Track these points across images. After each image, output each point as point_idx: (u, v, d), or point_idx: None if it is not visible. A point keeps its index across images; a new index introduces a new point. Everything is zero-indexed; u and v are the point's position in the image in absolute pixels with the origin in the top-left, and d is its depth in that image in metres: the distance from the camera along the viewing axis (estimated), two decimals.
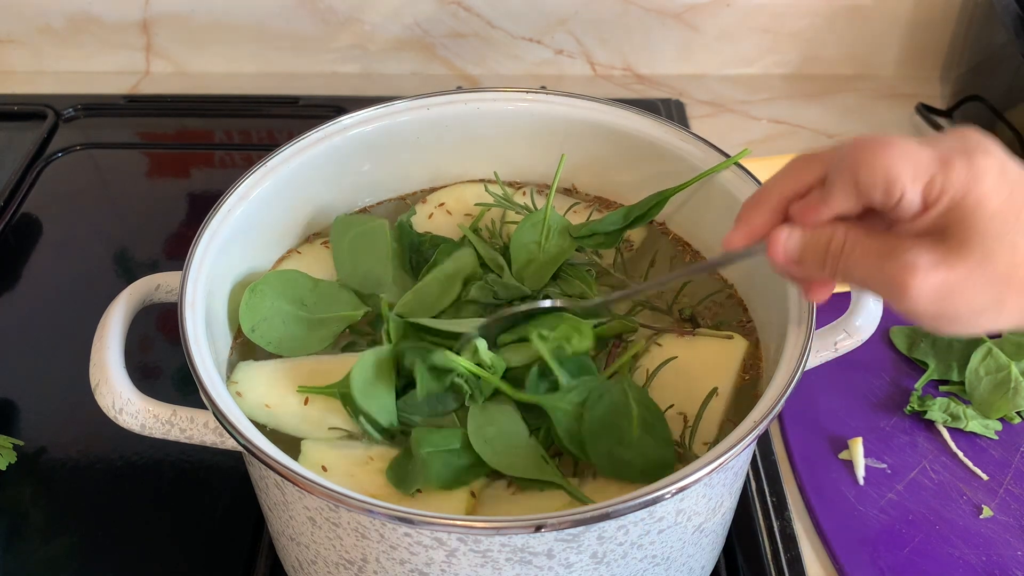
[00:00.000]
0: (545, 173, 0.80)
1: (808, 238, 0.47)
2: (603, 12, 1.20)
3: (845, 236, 0.46)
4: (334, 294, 0.68)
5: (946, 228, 0.43)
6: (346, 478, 0.58)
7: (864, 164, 0.43)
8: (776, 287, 0.62)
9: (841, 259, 0.46)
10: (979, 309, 0.44)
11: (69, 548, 0.73)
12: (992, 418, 0.80)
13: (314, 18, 1.22)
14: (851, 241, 0.46)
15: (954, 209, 0.43)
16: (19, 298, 0.96)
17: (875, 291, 0.46)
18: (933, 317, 0.45)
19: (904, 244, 0.44)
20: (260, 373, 0.64)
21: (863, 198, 0.45)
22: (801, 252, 0.47)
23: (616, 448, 0.57)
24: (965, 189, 0.42)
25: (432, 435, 0.59)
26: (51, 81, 1.26)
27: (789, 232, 0.48)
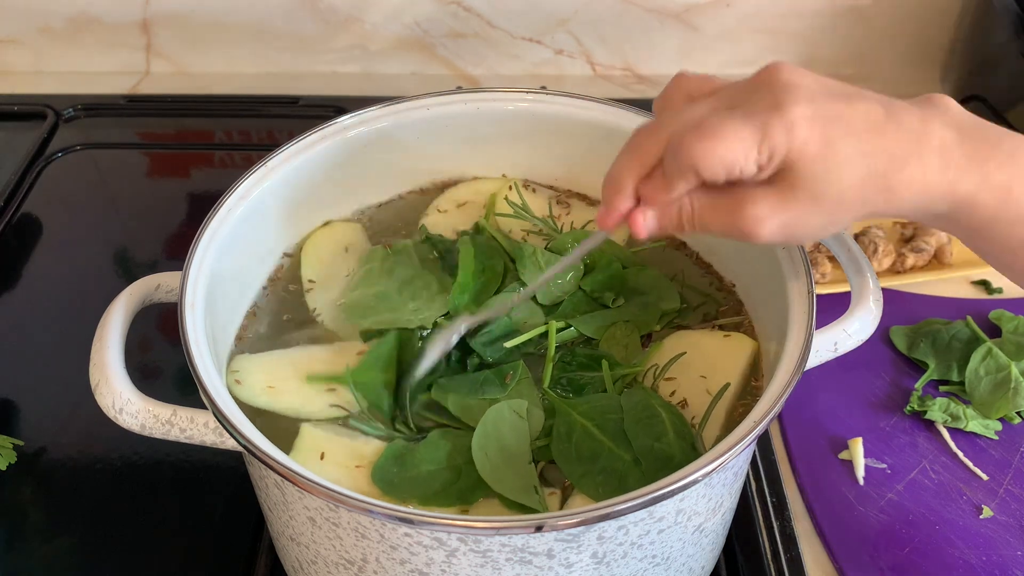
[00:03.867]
0: (545, 173, 0.80)
1: (662, 215, 0.53)
2: (603, 12, 1.20)
3: (692, 205, 0.52)
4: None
5: (778, 176, 0.49)
6: (342, 469, 0.59)
7: (701, 159, 0.48)
8: (776, 287, 0.62)
9: (695, 222, 0.52)
10: (819, 229, 0.51)
11: (69, 548, 0.73)
12: (992, 418, 0.80)
13: (314, 18, 1.22)
14: (700, 208, 0.52)
15: (782, 163, 0.48)
16: (19, 298, 0.97)
17: (729, 237, 0.52)
18: (783, 243, 0.54)
19: (744, 198, 0.50)
20: (258, 361, 0.65)
21: (707, 180, 0.50)
22: (660, 226, 0.53)
23: (656, 444, 0.58)
24: (787, 146, 0.48)
25: (430, 451, 0.59)
26: (51, 81, 1.26)
27: (644, 214, 0.53)
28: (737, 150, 0.48)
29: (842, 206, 0.49)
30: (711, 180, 0.49)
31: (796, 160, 0.48)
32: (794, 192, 0.49)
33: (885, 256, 0.93)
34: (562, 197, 0.79)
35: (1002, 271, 0.55)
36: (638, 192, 0.53)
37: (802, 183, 0.48)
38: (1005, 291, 0.94)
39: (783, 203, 0.49)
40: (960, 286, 0.94)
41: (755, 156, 0.48)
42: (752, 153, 0.48)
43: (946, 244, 0.95)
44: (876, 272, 0.79)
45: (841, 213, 0.50)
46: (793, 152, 0.48)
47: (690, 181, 0.50)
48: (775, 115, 0.48)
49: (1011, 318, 0.88)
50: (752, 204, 0.50)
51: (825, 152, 0.48)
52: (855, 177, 0.48)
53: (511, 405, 0.61)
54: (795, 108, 0.48)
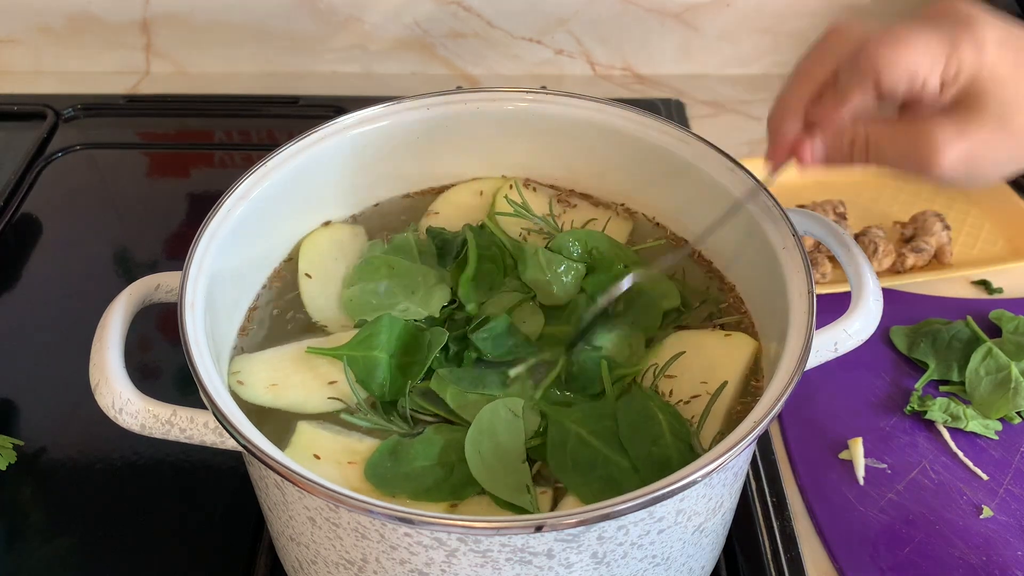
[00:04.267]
0: (545, 173, 0.80)
1: (832, 142, 0.50)
2: (603, 12, 1.20)
3: (867, 133, 0.49)
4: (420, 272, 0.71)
5: (962, 100, 0.47)
6: (335, 465, 0.59)
7: (886, 68, 0.46)
8: (776, 287, 0.62)
9: (869, 151, 0.50)
10: (1001, 164, 0.48)
11: (69, 548, 0.73)
12: (992, 418, 0.80)
13: (314, 18, 1.22)
14: (874, 135, 0.49)
15: (968, 84, 0.46)
16: (19, 298, 0.96)
17: (906, 170, 0.49)
18: (962, 180, 0.49)
19: (924, 124, 0.48)
20: (259, 359, 0.66)
21: (884, 93, 0.47)
22: (828, 155, 0.51)
23: (654, 448, 0.58)
24: (976, 65, 0.46)
25: (424, 447, 0.59)
26: (51, 81, 1.26)
27: (812, 142, 0.51)
28: (924, 58, 0.46)
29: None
30: (890, 91, 0.47)
31: (985, 81, 0.46)
32: (980, 116, 0.47)
33: (885, 256, 0.93)
34: (563, 196, 0.79)
35: None
36: (807, 116, 0.51)
37: (989, 107, 0.46)
38: (1005, 291, 0.94)
39: (967, 128, 0.47)
40: (960, 286, 0.94)
41: (941, 69, 0.46)
42: (939, 64, 0.46)
43: (946, 244, 0.95)
44: (876, 272, 0.79)
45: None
46: (984, 71, 0.46)
47: (867, 93, 0.48)
48: (966, 31, 0.46)
49: (1011, 318, 0.88)
50: (934, 129, 0.47)
51: (1015, 76, 0.46)
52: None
53: (507, 403, 0.61)
54: (985, 28, 0.46)
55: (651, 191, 0.76)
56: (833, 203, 0.99)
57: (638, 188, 0.77)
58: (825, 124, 0.50)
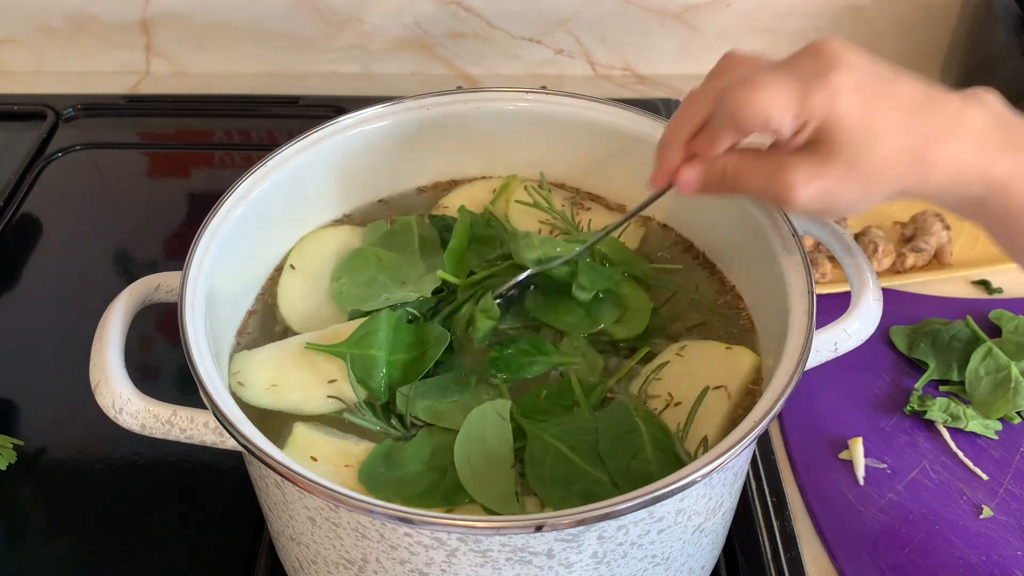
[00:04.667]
0: (545, 173, 0.80)
1: (706, 170, 0.55)
2: (603, 12, 1.20)
3: (735, 164, 0.54)
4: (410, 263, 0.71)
5: (816, 142, 0.50)
6: (331, 468, 0.59)
7: (740, 108, 0.50)
8: (776, 288, 0.62)
9: (737, 182, 0.54)
10: (852, 202, 0.52)
11: (69, 548, 0.73)
12: (992, 418, 0.80)
13: (314, 18, 1.22)
14: (742, 168, 0.54)
15: (820, 128, 0.50)
16: (19, 298, 0.96)
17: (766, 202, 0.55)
18: (815, 213, 0.54)
19: (783, 162, 0.52)
20: (259, 358, 0.65)
21: (745, 133, 0.52)
22: (703, 183, 0.56)
23: (633, 462, 0.57)
24: (826, 111, 0.49)
25: (416, 451, 0.59)
26: (51, 81, 1.26)
27: (689, 170, 0.56)
28: (777, 103, 0.49)
29: (876, 178, 0.51)
30: (748, 131, 0.51)
31: (835, 126, 0.49)
32: (830, 159, 0.50)
33: (885, 256, 0.93)
34: (577, 198, 0.79)
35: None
36: (689, 148, 0.56)
37: (838, 150, 0.50)
38: (1005, 291, 0.94)
39: (818, 170, 0.51)
40: (960, 286, 0.94)
41: (793, 114, 0.49)
42: (792, 109, 0.49)
43: (946, 244, 0.95)
44: (876, 272, 0.79)
45: (875, 186, 0.51)
46: (832, 118, 0.49)
47: (731, 131, 0.52)
48: (819, 78, 0.49)
49: (1011, 318, 0.88)
50: (790, 169, 0.51)
51: (864, 122, 0.49)
52: (891, 150, 0.50)
53: (495, 407, 0.60)
54: (839, 75, 0.49)
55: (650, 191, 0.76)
56: None
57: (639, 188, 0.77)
58: (703, 154, 0.55)
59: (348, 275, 0.70)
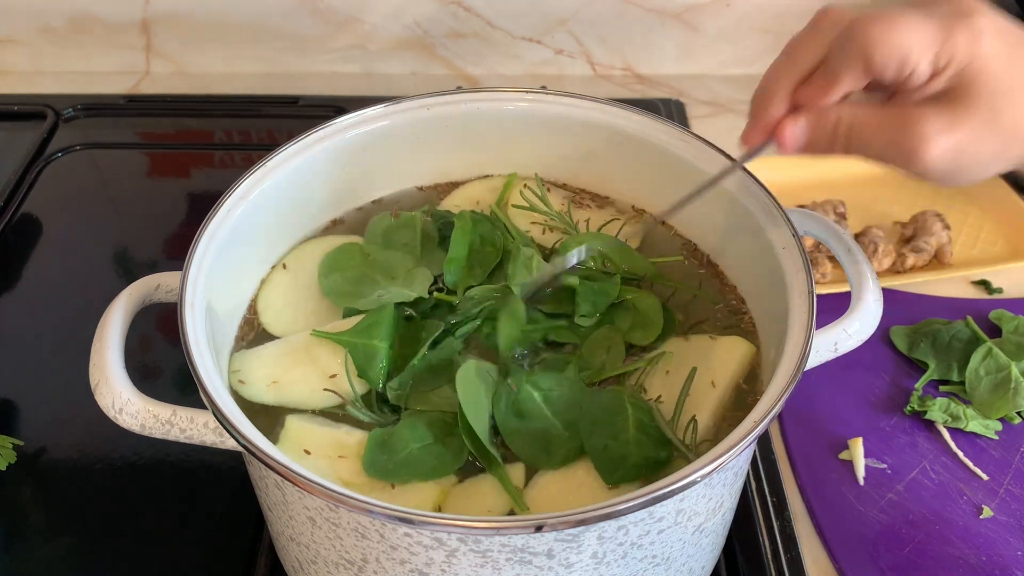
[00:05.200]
0: (545, 173, 0.80)
1: (815, 123, 0.48)
2: (603, 12, 1.20)
3: (852, 117, 0.47)
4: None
5: (952, 91, 0.45)
6: (326, 460, 0.60)
7: (876, 45, 0.44)
8: (776, 288, 0.62)
9: (852, 138, 0.47)
10: (987, 161, 0.46)
11: (69, 548, 0.73)
12: (992, 418, 0.80)
13: (314, 18, 1.22)
14: (859, 121, 0.47)
15: (960, 74, 0.44)
16: (19, 298, 0.96)
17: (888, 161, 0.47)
18: (946, 174, 0.47)
19: (912, 113, 0.46)
20: (259, 356, 0.66)
21: (873, 75, 0.46)
22: (810, 138, 0.48)
23: (611, 443, 0.58)
24: (970, 54, 0.44)
25: (415, 431, 0.60)
26: (51, 81, 1.26)
27: (794, 124, 0.49)
28: (917, 40, 0.44)
29: (1016, 134, 0.45)
30: (880, 72, 0.45)
31: (978, 72, 0.44)
32: (969, 109, 0.45)
33: (885, 256, 0.93)
34: (576, 197, 0.79)
35: None
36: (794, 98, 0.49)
37: (980, 100, 0.44)
38: (1005, 291, 0.94)
39: (956, 121, 0.45)
40: (960, 286, 0.94)
41: (933, 55, 0.44)
42: (931, 49, 0.44)
43: (946, 244, 0.95)
44: (876, 272, 0.79)
45: (1014, 144, 0.46)
46: (977, 62, 0.44)
47: (857, 75, 0.46)
48: (963, 20, 0.44)
49: (1011, 318, 0.88)
50: (922, 119, 0.45)
51: (1010, 70, 0.44)
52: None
53: (477, 366, 0.61)
54: (983, 19, 0.44)
55: (651, 191, 0.76)
56: (833, 203, 0.99)
57: (639, 188, 0.77)
58: (813, 103, 0.48)
59: (337, 271, 0.70)
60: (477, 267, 0.71)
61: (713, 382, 0.63)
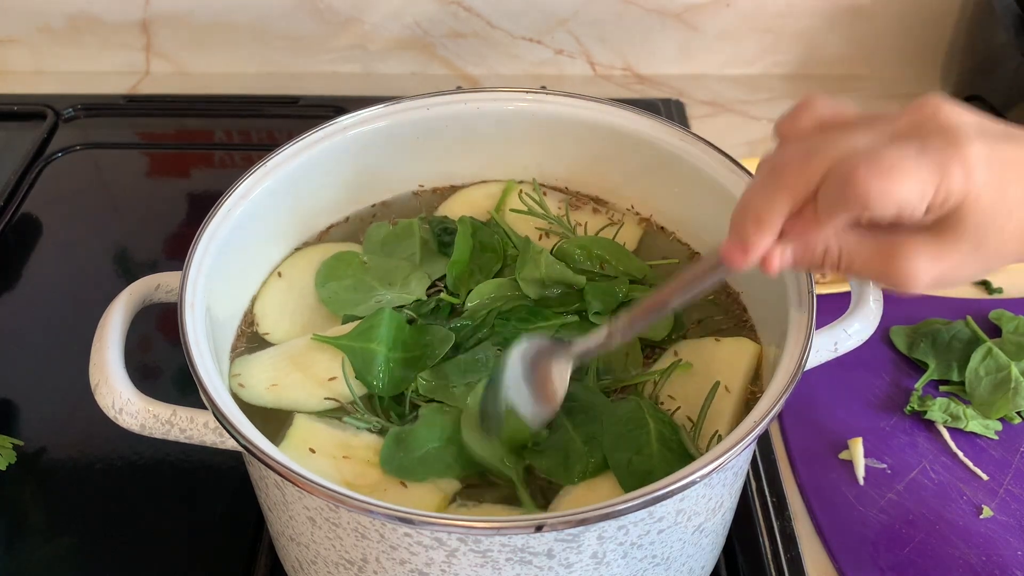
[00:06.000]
0: (545, 173, 0.80)
1: (802, 253, 0.48)
2: (603, 12, 1.20)
3: (840, 247, 0.47)
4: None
5: (942, 223, 0.45)
6: (331, 460, 0.59)
7: (876, 199, 0.43)
8: (776, 288, 0.62)
9: (840, 266, 0.48)
10: (970, 278, 0.48)
11: (69, 548, 0.73)
12: (992, 418, 0.80)
13: (314, 18, 1.22)
14: (848, 252, 0.47)
15: (952, 209, 0.44)
16: (19, 298, 0.96)
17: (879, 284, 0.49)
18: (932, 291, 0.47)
19: (901, 246, 0.46)
20: (259, 360, 0.66)
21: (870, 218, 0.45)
22: (795, 264, 0.48)
23: (635, 457, 0.58)
24: (964, 191, 0.43)
25: (427, 430, 0.60)
26: (51, 81, 1.26)
27: (781, 254, 0.48)
28: (915, 189, 0.43)
29: (1002, 254, 0.46)
30: (878, 220, 0.45)
31: (969, 207, 0.44)
32: (956, 241, 0.45)
33: None
34: (574, 201, 0.79)
35: None
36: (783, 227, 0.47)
37: (968, 232, 0.45)
38: (1005, 291, 0.94)
39: (943, 253, 0.45)
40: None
41: (930, 198, 0.43)
42: (928, 194, 0.43)
43: None
44: None
45: (996, 261, 0.46)
46: (970, 197, 0.44)
47: (849, 219, 0.46)
48: (954, 155, 0.43)
49: (1011, 318, 0.88)
50: (910, 255, 0.46)
51: (998, 199, 0.44)
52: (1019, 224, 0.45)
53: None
54: (972, 148, 0.43)
55: (651, 191, 0.76)
56: None
57: (639, 188, 0.77)
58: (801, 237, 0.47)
59: (334, 280, 0.70)
60: (479, 272, 0.71)
61: (728, 387, 0.63)
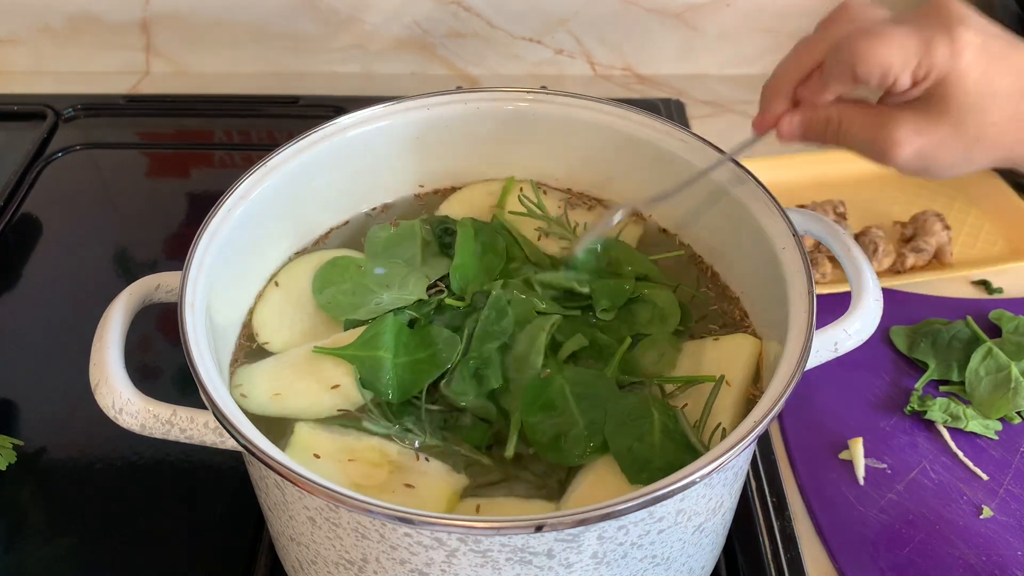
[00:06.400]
0: (545, 173, 0.80)
1: (809, 119, 0.55)
2: (603, 12, 1.20)
3: (840, 115, 0.54)
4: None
5: (928, 99, 0.50)
6: (335, 464, 0.59)
7: (861, 58, 0.50)
8: (776, 288, 0.62)
9: (840, 134, 0.54)
10: (952, 163, 0.52)
11: (69, 548, 0.73)
12: (992, 418, 0.80)
13: (314, 18, 1.22)
14: (846, 119, 0.54)
15: (937, 84, 0.50)
16: (19, 298, 0.96)
17: (867, 156, 0.54)
18: (915, 171, 0.54)
19: (889, 116, 0.52)
20: (261, 369, 0.65)
21: (861, 83, 0.51)
22: (803, 131, 0.56)
23: (636, 444, 0.58)
24: (948, 67, 0.49)
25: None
26: (51, 81, 1.26)
27: (792, 117, 0.56)
28: (898, 55, 0.49)
29: (983, 143, 0.50)
30: (864, 81, 0.50)
31: (952, 84, 0.49)
32: (939, 116, 0.50)
33: (885, 256, 0.93)
34: (572, 199, 0.79)
35: None
36: (796, 94, 0.55)
37: (949, 108, 0.49)
38: (1005, 291, 0.94)
39: (926, 126, 0.50)
40: (960, 286, 0.94)
41: (913, 66, 0.49)
42: (912, 62, 0.49)
43: (946, 244, 0.95)
44: (876, 272, 0.79)
45: (978, 150, 0.51)
46: (953, 74, 0.49)
47: (846, 81, 0.52)
48: (943, 33, 0.49)
49: (1011, 318, 0.88)
50: (896, 124, 0.51)
51: (982, 82, 0.49)
52: (1002, 115, 0.49)
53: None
54: (964, 33, 0.49)
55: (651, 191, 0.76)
56: (833, 203, 0.99)
57: (638, 187, 0.77)
58: (809, 100, 0.55)
59: (331, 285, 0.70)
60: (483, 274, 0.71)
61: (729, 382, 0.63)
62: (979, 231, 1.00)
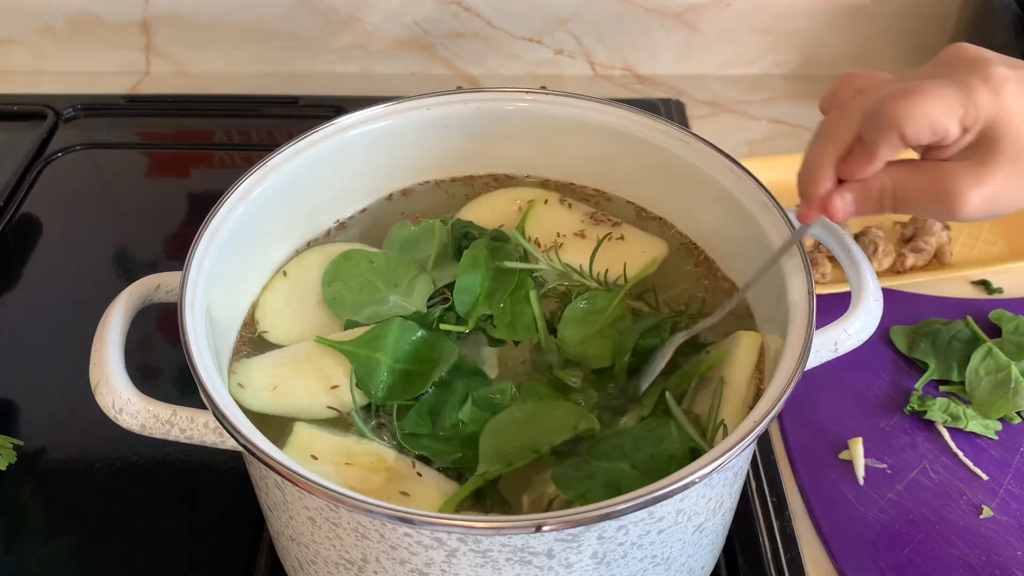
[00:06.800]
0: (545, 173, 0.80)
1: (861, 195, 0.53)
2: (603, 12, 1.20)
3: (892, 182, 0.52)
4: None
5: (981, 144, 0.49)
6: (332, 466, 0.59)
7: (905, 119, 0.48)
8: (776, 288, 0.62)
9: (896, 200, 0.52)
10: (1017, 199, 0.50)
11: (69, 548, 0.73)
12: (992, 418, 0.80)
13: (314, 18, 1.22)
14: (899, 185, 0.51)
15: (986, 128, 0.48)
16: (19, 298, 0.96)
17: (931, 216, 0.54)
18: (984, 218, 0.51)
19: (946, 172, 0.50)
20: (260, 363, 0.65)
21: (910, 144, 0.49)
22: (858, 207, 0.53)
23: (655, 449, 0.58)
24: (994, 106, 0.47)
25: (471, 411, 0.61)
26: (51, 81, 1.26)
27: (842, 198, 0.53)
28: (942, 107, 0.47)
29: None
30: (914, 142, 0.49)
31: (1003, 122, 0.48)
32: (996, 158, 0.48)
33: (885, 256, 0.93)
34: (596, 214, 0.77)
35: None
36: (837, 173, 0.53)
37: (1005, 147, 0.48)
38: (1005, 291, 0.94)
39: (986, 172, 0.49)
40: (960, 286, 0.94)
41: (960, 115, 0.48)
42: (957, 111, 0.47)
43: (946, 244, 0.95)
44: (876, 272, 0.79)
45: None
46: (1001, 114, 0.47)
47: (894, 146, 0.50)
48: (977, 75, 0.48)
49: (1011, 318, 0.88)
50: (955, 179, 0.49)
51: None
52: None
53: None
54: (998, 69, 0.48)
55: (653, 191, 0.76)
56: None
57: (638, 188, 0.77)
58: (855, 177, 0.52)
59: (340, 280, 0.70)
60: (489, 299, 0.69)
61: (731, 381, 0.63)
62: (979, 231, 1.00)
